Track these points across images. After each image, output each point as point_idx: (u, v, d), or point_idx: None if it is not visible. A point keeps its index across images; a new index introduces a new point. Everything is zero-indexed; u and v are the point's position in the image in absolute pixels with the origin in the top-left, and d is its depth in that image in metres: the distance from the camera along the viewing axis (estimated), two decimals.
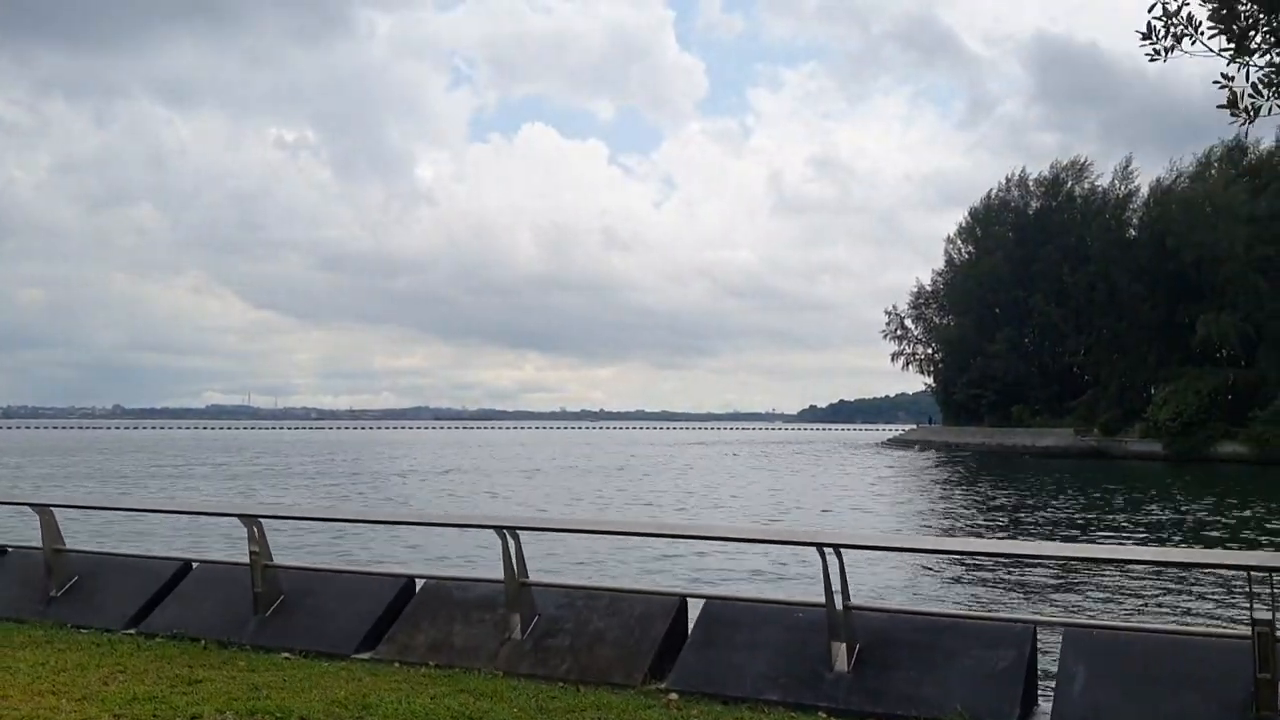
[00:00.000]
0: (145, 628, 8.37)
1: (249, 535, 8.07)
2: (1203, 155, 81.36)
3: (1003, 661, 5.90)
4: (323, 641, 7.73)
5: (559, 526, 8.55)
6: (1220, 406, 70.60)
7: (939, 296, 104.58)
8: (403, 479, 49.45)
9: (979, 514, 32.32)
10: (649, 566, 18.00)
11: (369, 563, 16.81)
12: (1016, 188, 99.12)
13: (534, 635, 7.19)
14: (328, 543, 20.74)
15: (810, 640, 6.37)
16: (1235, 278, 69.75)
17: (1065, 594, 16.27)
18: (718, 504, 35.72)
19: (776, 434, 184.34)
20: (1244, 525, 28.60)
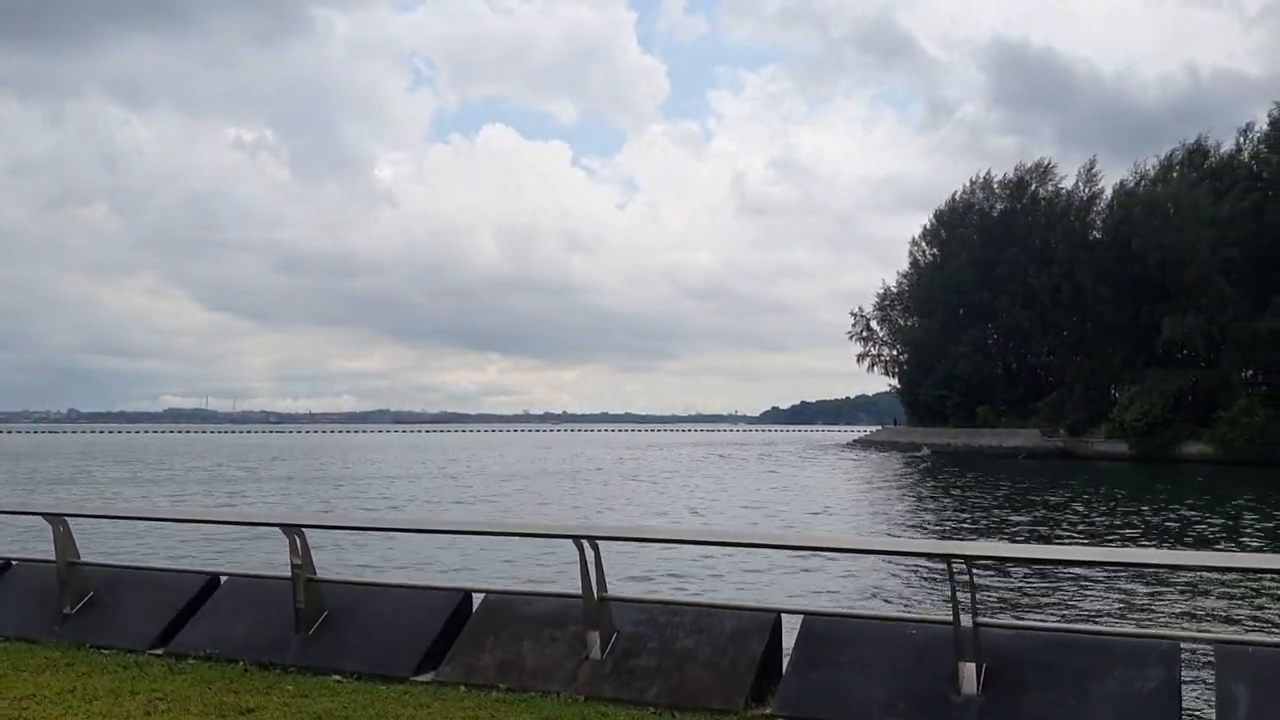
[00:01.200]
0: (174, 648, 7.69)
1: (290, 547, 7.42)
2: (1164, 158, 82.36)
3: (1150, 682, 5.42)
4: (376, 662, 7.11)
5: (640, 536, 7.95)
6: (1185, 407, 71.37)
7: (904, 298, 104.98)
8: (387, 483, 48.57)
9: (1047, 517, 31.46)
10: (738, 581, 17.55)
11: (417, 576, 15.98)
12: (981, 190, 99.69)
13: (614, 655, 6.62)
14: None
15: (930, 660, 5.86)
16: (1199, 279, 70.41)
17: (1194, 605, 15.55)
18: (752, 508, 34.93)
19: (743, 436, 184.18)
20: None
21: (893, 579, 17.48)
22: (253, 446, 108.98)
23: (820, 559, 18.48)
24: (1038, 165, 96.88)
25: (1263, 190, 71.23)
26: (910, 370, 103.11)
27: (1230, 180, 73.11)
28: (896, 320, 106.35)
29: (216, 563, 14.10)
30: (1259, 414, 65.46)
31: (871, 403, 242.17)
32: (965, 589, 5.73)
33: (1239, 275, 69.46)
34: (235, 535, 21.42)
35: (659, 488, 46.45)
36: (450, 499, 38.95)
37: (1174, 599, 15.68)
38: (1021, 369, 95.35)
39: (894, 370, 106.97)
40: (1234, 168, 75.82)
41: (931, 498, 40.29)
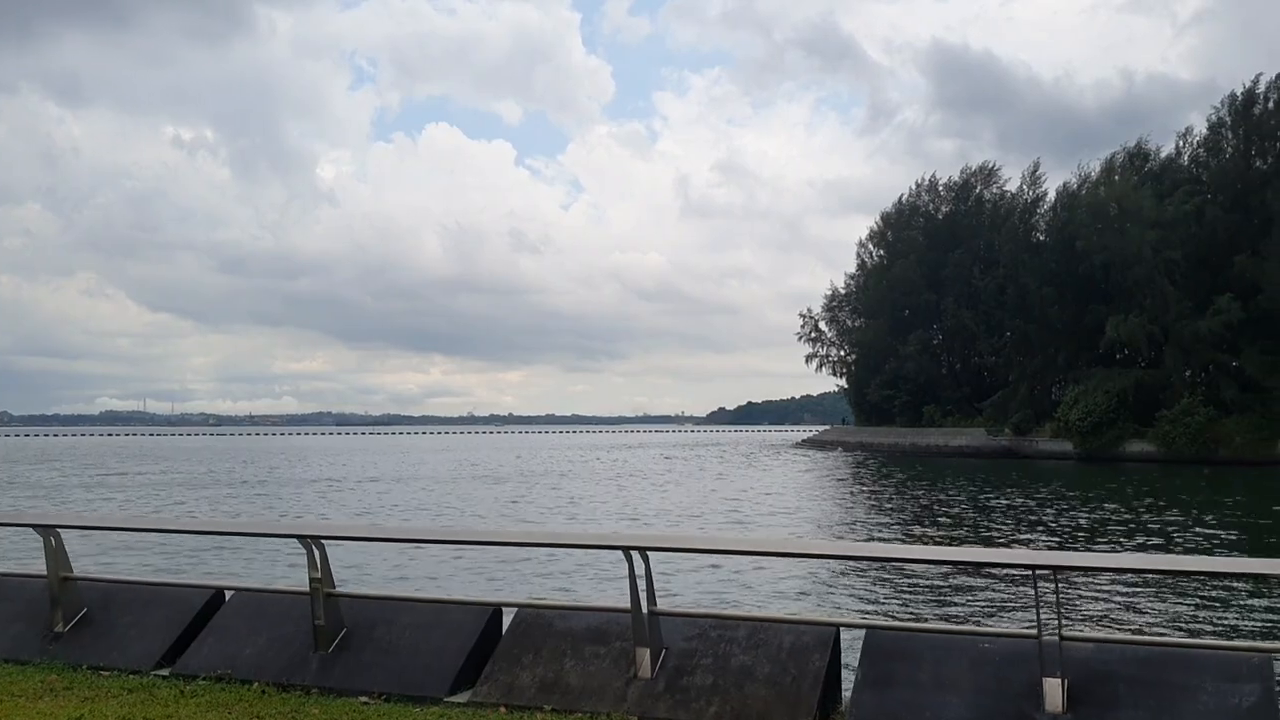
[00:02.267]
0: (181, 668, 7.17)
1: (309, 559, 6.96)
2: (1106, 161, 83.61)
3: (1246, 698, 5.18)
4: (407, 682, 6.67)
5: (693, 546, 7.57)
6: (1128, 406, 72.37)
7: (852, 299, 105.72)
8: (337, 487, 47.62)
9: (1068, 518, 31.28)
10: None
11: (440, 590, 15.44)
12: (926, 192, 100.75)
13: (665, 673, 6.26)
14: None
15: (1009, 675, 5.58)
16: (1142, 281, 71.52)
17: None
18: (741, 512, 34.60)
19: (692, 436, 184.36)
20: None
21: (932, 589, 17.12)
22: (190, 449, 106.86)
23: (842, 567, 18.26)
24: (982, 168, 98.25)
25: (1203, 194, 72.60)
26: (858, 370, 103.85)
27: (1172, 183, 74.40)
28: (845, 321, 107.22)
29: (216, 577, 13.49)
30: (1200, 413, 66.66)
31: (816, 403, 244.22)
32: (1049, 601, 5.46)
33: (1180, 276, 70.67)
34: (216, 546, 20.80)
35: (659, 489, 45.99)
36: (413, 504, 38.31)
37: (1259, 608, 15.23)
38: (967, 369, 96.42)
39: (842, 371, 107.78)
40: (1174, 171, 77.18)
41: (899, 496, 40.39)
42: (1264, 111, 70.88)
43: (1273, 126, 70.04)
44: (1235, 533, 26.81)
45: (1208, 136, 75.99)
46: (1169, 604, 15.51)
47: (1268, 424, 64.48)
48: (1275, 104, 70.17)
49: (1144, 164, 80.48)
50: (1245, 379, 67.95)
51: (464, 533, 14.94)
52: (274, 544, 19.81)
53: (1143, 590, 16.14)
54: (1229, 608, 15.20)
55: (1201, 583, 16.20)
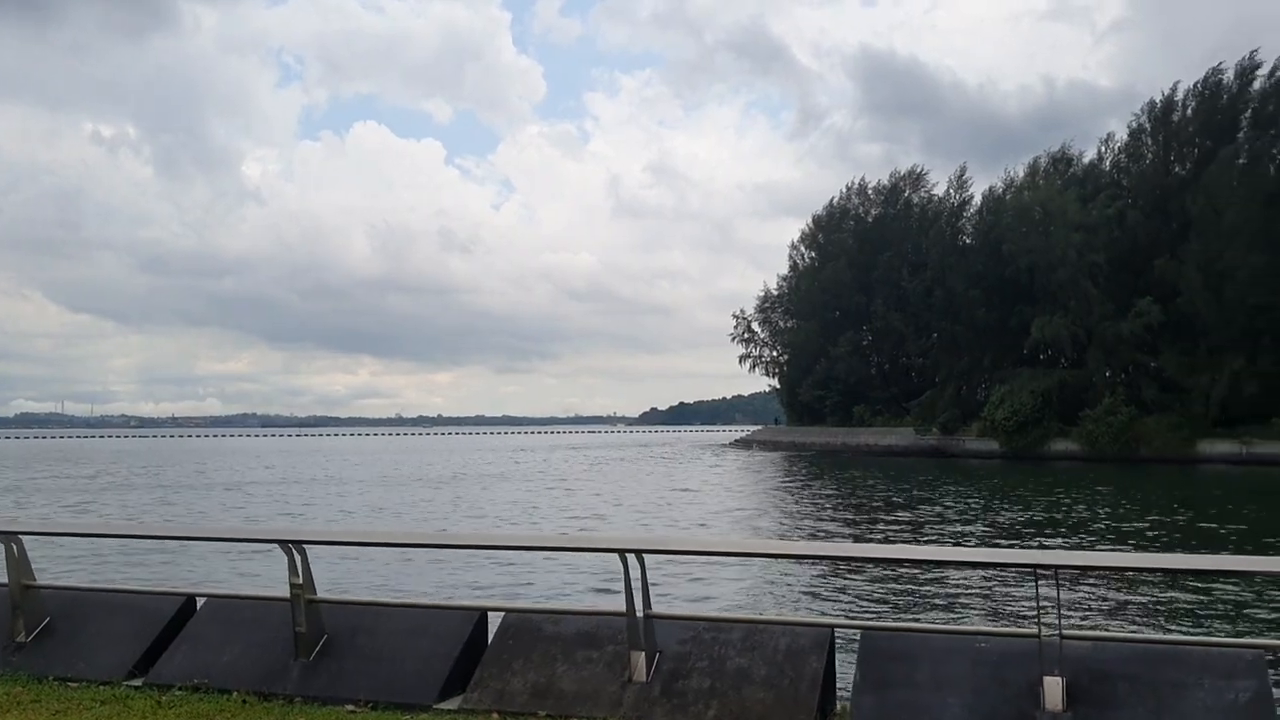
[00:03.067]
0: (154, 678, 6.94)
1: (290, 564, 6.79)
2: (1030, 165, 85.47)
3: (1242, 694, 5.29)
4: (393, 690, 6.54)
5: (691, 549, 7.51)
6: (1052, 406, 73.96)
7: (784, 301, 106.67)
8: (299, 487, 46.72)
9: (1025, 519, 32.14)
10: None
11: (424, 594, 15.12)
12: (857, 196, 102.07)
13: (661, 676, 6.21)
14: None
15: (1008, 675, 5.62)
16: (1066, 283, 73.16)
17: None
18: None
19: (626, 437, 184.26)
20: None
21: (927, 589, 17.14)
22: (113, 451, 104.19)
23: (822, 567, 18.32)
24: (910, 173, 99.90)
25: (1124, 198, 74.51)
26: (790, 371, 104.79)
27: (1094, 188, 76.27)
28: (777, 322, 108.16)
29: (184, 584, 13.10)
30: (1122, 412, 68.35)
31: (748, 403, 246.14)
32: (1049, 600, 5.52)
33: (1103, 279, 72.42)
34: (177, 553, 20.24)
35: (612, 490, 45.83)
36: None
37: (1251, 605, 15.34)
38: (896, 369, 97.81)
39: (774, 371, 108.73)
40: (1097, 176, 79.12)
41: (839, 497, 40.74)
42: (1182, 119, 72.90)
43: (1191, 134, 72.06)
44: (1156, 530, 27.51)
45: (1128, 143, 78.02)
46: (1165, 601, 15.75)
47: (1187, 423, 66.34)
48: (1193, 111, 72.20)
49: (1067, 169, 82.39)
50: (1165, 379, 69.84)
51: (450, 537, 14.74)
52: (239, 549, 19.45)
53: (1139, 587, 16.39)
54: (1223, 605, 15.41)
55: (1197, 580, 16.46)
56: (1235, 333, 64.33)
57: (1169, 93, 74.31)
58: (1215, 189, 65.14)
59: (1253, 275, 62.31)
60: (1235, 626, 13.79)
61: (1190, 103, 72.63)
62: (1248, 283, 62.54)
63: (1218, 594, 16.01)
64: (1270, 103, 68.73)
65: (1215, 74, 71.54)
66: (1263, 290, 62.39)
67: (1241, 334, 64.14)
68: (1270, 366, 63.66)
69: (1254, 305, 62.88)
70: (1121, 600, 15.70)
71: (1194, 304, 66.30)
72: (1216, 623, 14.11)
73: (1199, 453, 64.53)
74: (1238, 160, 66.37)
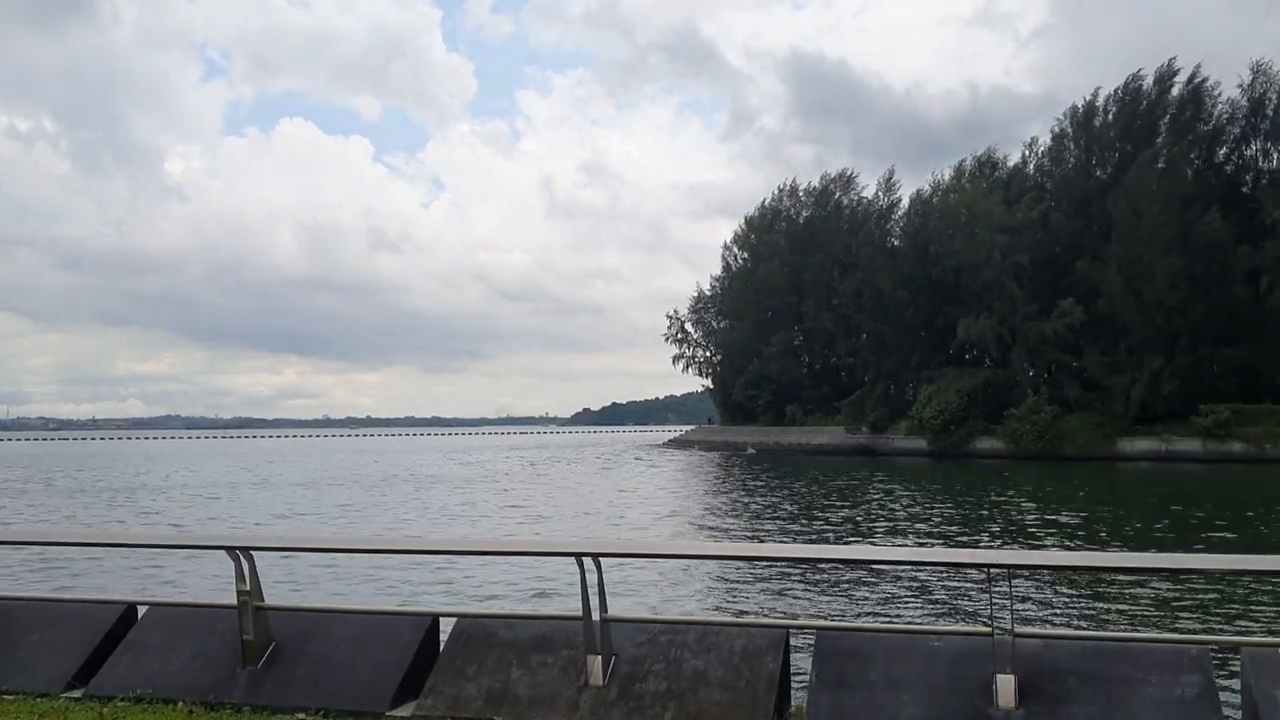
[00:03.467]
0: (95, 690, 6.76)
1: (237, 571, 6.66)
2: (956, 168, 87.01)
3: (1189, 689, 5.41)
4: (344, 697, 6.43)
5: (645, 552, 7.48)
6: (978, 404, 75.33)
7: (717, 301, 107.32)
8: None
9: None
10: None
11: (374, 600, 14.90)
12: (789, 197, 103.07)
13: (617, 679, 6.20)
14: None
15: (961, 673, 5.70)
16: (992, 283, 74.60)
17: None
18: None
19: (559, 438, 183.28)
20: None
21: (881, 589, 17.29)
22: (30, 456, 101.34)
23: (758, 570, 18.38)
24: (841, 174, 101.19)
25: (1048, 201, 76.14)
26: (723, 371, 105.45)
27: (1018, 191, 77.91)
28: (710, 323, 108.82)
29: (123, 592, 12.69)
30: (1046, 411, 69.80)
31: (680, 403, 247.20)
32: (1002, 599, 5.62)
33: (1027, 280, 73.92)
34: (96, 560, 19.69)
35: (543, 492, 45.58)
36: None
37: (1198, 602, 15.68)
38: (827, 369, 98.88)
39: (707, 371, 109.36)
40: (1021, 179, 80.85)
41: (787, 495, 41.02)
42: (1103, 124, 74.73)
43: (1111, 138, 73.88)
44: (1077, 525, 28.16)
45: (1051, 147, 79.85)
46: (1115, 599, 16.04)
47: (1108, 422, 67.98)
48: (1114, 117, 74.05)
49: (992, 172, 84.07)
50: (1086, 379, 71.47)
51: (401, 541, 14.52)
52: (174, 557, 19.04)
53: (1090, 586, 16.74)
54: (1169, 602, 15.75)
55: (1146, 579, 16.76)
56: (1154, 333, 66.06)
57: (1090, 98, 76.26)
58: (1135, 192, 66.84)
59: (1170, 277, 64.09)
60: (1181, 623, 14.12)
61: (1111, 108, 74.49)
62: (1165, 284, 64.32)
63: (1164, 591, 16.40)
64: (1188, 109, 70.77)
65: (1135, 80, 73.49)
66: (1180, 292, 64.23)
67: (1160, 334, 65.88)
68: (1187, 366, 65.51)
69: (1171, 306, 64.69)
70: (1073, 598, 16.01)
71: (1114, 305, 67.97)
72: (1163, 620, 14.43)
73: (1120, 451, 66.19)
74: (1156, 164, 68.19)
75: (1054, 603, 15.58)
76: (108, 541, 11.50)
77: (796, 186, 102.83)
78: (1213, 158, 71.45)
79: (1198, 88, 70.84)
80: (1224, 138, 71.19)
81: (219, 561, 7.01)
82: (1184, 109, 70.94)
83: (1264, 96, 68.99)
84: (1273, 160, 70.46)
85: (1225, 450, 61.66)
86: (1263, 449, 60.75)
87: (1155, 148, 69.46)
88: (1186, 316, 64.82)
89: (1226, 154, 71.83)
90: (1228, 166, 71.71)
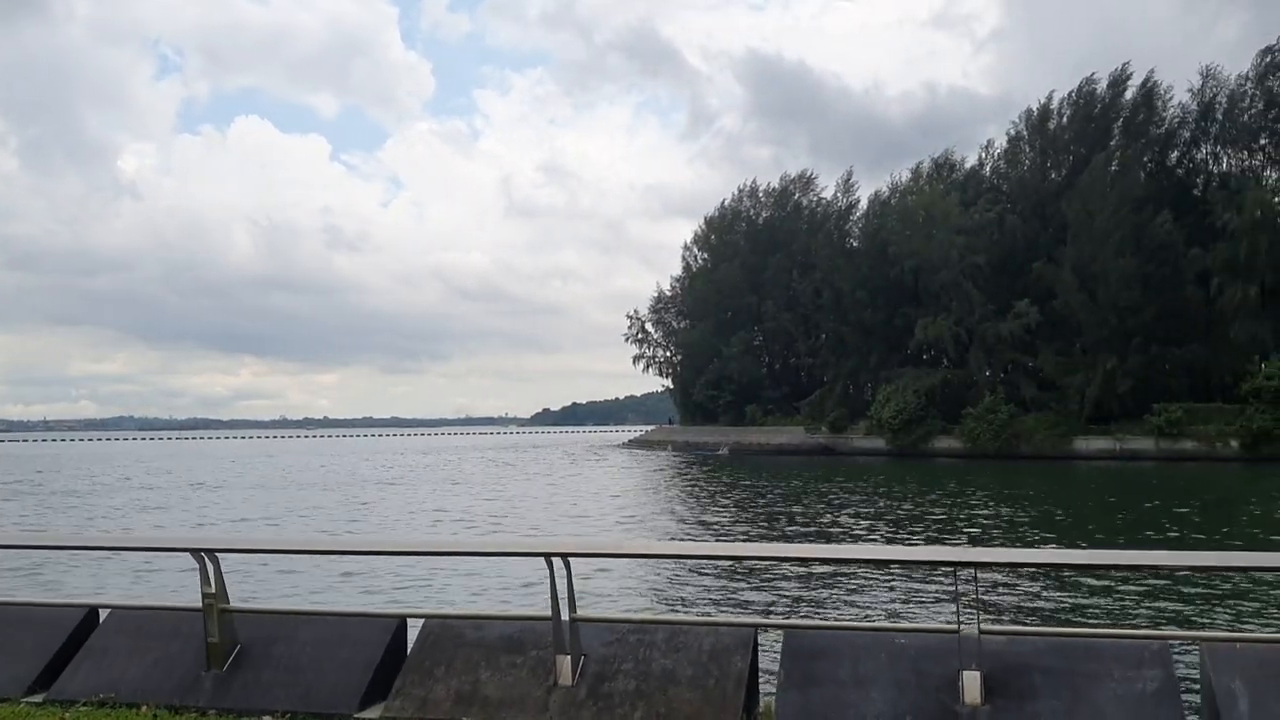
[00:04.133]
0: (56, 694, 6.67)
1: (201, 574, 6.60)
2: (914, 170, 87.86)
3: (1150, 683, 5.51)
4: (311, 700, 6.39)
5: (615, 552, 7.48)
6: (936, 404, 76.08)
7: (678, 301, 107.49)
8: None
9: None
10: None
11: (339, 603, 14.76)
12: (749, 198, 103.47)
13: (586, 680, 6.21)
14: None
15: (927, 670, 5.76)
16: (949, 284, 75.36)
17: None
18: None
19: (519, 438, 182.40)
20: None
21: (849, 587, 17.37)
22: None
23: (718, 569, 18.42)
24: (800, 175, 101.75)
25: (1004, 202, 77.05)
26: (683, 371, 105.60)
27: (975, 192, 78.73)
28: (670, 323, 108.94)
29: (84, 596, 12.48)
30: (1002, 411, 70.63)
31: (641, 403, 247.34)
32: (968, 596, 5.69)
33: (984, 281, 74.74)
34: (56, 564, 19.37)
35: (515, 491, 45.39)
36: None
37: (1158, 597, 15.97)
38: (786, 369, 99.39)
39: (668, 371, 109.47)
40: (978, 181, 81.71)
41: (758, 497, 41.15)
42: (1058, 126, 75.74)
43: (1066, 141, 74.89)
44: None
45: (1007, 149, 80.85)
46: (1078, 594, 16.31)
47: (1063, 421, 68.91)
48: (1068, 119, 75.04)
49: (950, 173, 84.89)
50: (1042, 379, 72.38)
51: (369, 543, 14.39)
52: (137, 560, 18.78)
53: (1055, 582, 16.99)
54: (1131, 598, 16.02)
55: (1110, 574, 17.04)
56: (1107, 333, 67.04)
57: (1045, 101, 77.27)
58: (1089, 195, 67.82)
59: (1123, 278, 65.10)
60: (1142, 619, 14.39)
61: (1065, 111, 75.48)
62: (1119, 285, 65.31)
63: (1126, 587, 16.70)
64: (1140, 112, 71.84)
65: (1089, 84, 74.52)
66: (1133, 292, 65.24)
67: (1113, 334, 66.86)
68: (1140, 366, 66.52)
69: (1125, 307, 65.70)
70: (1037, 595, 16.25)
71: (1069, 305, 68.92)
72: (1125, 615, 14.69)
73: (1075, 450, 67.12)
74: (1110, 167, 69.20)
75: (1019, 600, 15.81)
76: (69, 544, 11.29)
77: (756, 187, 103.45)
78: (1165, 161, 72.55)
79: (1149, 91, 71.95)
80: (1176, 141, 72.35)
81: (183, 564, 6.93)
82: (1136, 112, 72.04)
83: (1214, 100, 70.18)
84: (1223, 163, 71.75)
85: (1178, 449, 62.71)
86: (1213, 447, 61.85)
87: (1108, 151, 70.45)
88: (1139, 317, 65.84)
89: (1178, 157, 73.00)
90: (1179, 170, 72.87)
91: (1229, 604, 15.46)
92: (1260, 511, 31.46)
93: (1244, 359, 62.18)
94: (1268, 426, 59.19)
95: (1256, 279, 62.78)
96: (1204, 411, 63.83)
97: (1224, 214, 63.62)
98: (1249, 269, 62.58)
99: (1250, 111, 68.15)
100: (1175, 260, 65.81)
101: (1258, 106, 67.87)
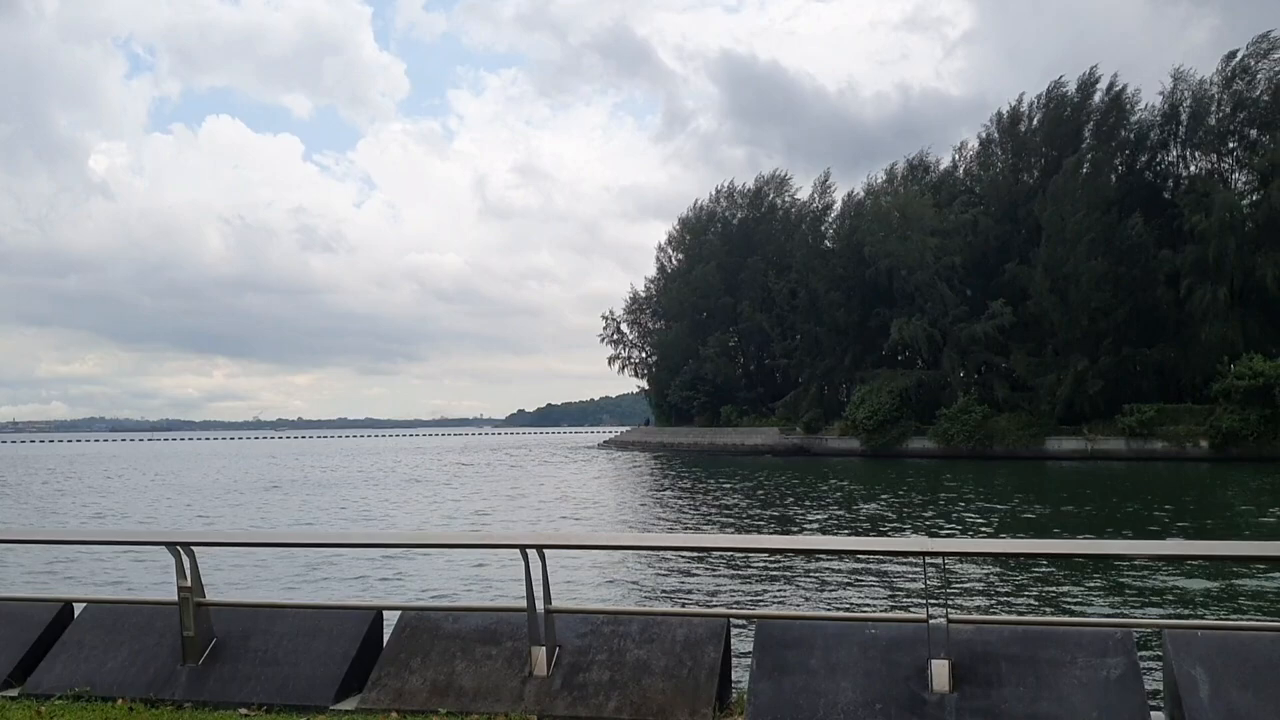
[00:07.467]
0: (31, 689, 6.67)
1: (178, 567, 6.62)
2: (889, 171, 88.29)
3: (1114, 670, 5.62)
4: (287, 692, 6.42)
5: (590, 544, 7.54)
6: (910, 405, 76.50)
7: (653, 302, 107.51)
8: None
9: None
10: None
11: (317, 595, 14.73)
12: (724, 199, 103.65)
13: (561, 670, 6.28)
14: None
15: (897, 658, 5.86)
16: (924, 285, 75.81)
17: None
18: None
19: (497, 439, 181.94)
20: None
21: (820, 578, 17.42)
22: None
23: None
24: (775, 176, 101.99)
25: (977, 204, 77.56)
26: (659, 372, 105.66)
27: (949, 194, 79.24)
28: (646, 324, 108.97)
29: (59, 590, 12.45)
30: (976, 411, 71.12)
31: (616, 404, 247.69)
32: (936, 585, 5.79)
33: (958, 282, 75.25)
34: (30, 559, 19.23)
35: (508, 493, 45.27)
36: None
37: (1120, 586, 16.13)
38: (761, 370, 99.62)
39: (643, 372, 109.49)
40: (952, 183, 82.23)
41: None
42: (1029, 129, 76.34)
43: (1037, 143, 75.49)
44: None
45: (980, 151, 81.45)
46: (1044, 583, 16.43)
47: (1035, 421, 69.46)
48: (1039, 122, 75.63)
49: (924, 175, 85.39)
50: (1015, 379, 72.93)
51: (345, 536, 14.40)
52: (112, 554, 18.67)
53: (1022, 572, 17.10)
54: (1095, 587, 16.18)
55: (1075, 563, 17.24)
56: (1079, 334, 67.64)
57: (1015, 104, 77.85)
58: (1061, 197, 68.39)
59: (1094, 279, 65.70)
60: (1106, 607, 14.56)
61: (1036, 114, 76.07)
62: (1090, 286, 65.91)
63: (1090, 576, 16.88)
64: (1110, 115, 72.49)
65: (1057, 87, 75.18)
66: (1104, 294, 65.87)
67: (1085, 336, 67.47)
68: (1111, 367, 67.14)
69: (1096, 308, 66.33)
70: (1004, 584, 16.40)
71: (1041, 306, 69.45)
72: (1090, 603, 14.85)
73: (1048, 449, 67.69)
74: (1081, 169, 69.76)
75: (987, 590, 15.95)
76: (43, 538, 11.23)
77: (732, 188, 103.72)
78: (1135, 164, 73.18)
79: (1119, 94, 72.61)
80: (1146, 144, 73.00)
81: (159, 557, 6.95)
82: (1107, 115, 72.69)
83: (1182, 104, 70.86)
84: (1192, 166, 72.47)
85: (1148, 449, 63.36)
86: (1183, 447, 62.51)
87: (1080, 153, 71.02)
88: (1110, 318, 66.48)
89: (1148, 160, 73.63)
90: (1148, 173, 73.51)
91: (1190, 592, 15.72)
92: (1232, 513, 31.87)
93: (1214, 360, 62.85)
94: (1236, 427, 59.86)
95: (1225, 281, 63.45)
96: (1174, 412, 64.48)
97: (1193, 216, 64.26)
98: (1218, 271, 63.26)
99: (1218, 115, 68.88)
100: (1146, 262, 66.49)
101: (1225, 110, 68.60)
